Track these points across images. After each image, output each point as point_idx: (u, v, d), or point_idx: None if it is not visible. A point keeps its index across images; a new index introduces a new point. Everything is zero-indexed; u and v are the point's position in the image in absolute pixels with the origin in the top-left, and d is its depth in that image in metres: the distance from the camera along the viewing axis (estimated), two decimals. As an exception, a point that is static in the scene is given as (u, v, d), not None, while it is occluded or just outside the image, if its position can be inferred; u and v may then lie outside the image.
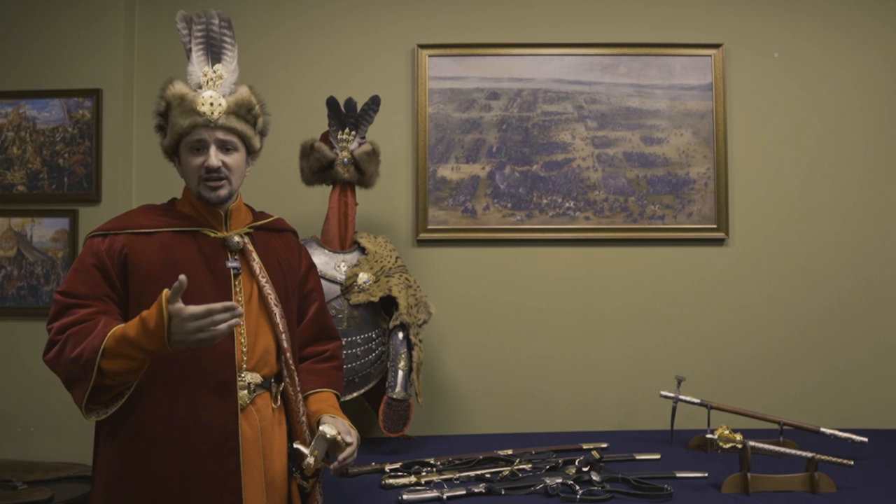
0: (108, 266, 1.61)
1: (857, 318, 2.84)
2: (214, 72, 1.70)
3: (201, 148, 1.66)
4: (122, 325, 1.50)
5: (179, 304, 1.44)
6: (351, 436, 1.70)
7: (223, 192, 1.68)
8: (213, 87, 1.68)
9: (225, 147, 1.67)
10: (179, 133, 1.66)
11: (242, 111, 1.69)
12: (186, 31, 1.73)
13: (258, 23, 2.86)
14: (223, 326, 1.46)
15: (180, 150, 1.69)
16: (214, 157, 1.65)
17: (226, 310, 1.45)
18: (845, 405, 2.81)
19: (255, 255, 1.75)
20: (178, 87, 1.67)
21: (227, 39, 1.75)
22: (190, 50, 1.73)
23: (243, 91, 1.72)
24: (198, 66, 1.71)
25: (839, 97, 2.87)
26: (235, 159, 1.69)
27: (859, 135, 2.86)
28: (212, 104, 1.65)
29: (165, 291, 1.45)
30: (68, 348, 1.52)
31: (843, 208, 2.86)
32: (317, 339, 1.90)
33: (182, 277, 1.44)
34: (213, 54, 1.73)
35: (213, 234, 1.71)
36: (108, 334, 1.48)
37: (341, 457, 1.66)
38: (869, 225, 2.86)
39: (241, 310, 1.48)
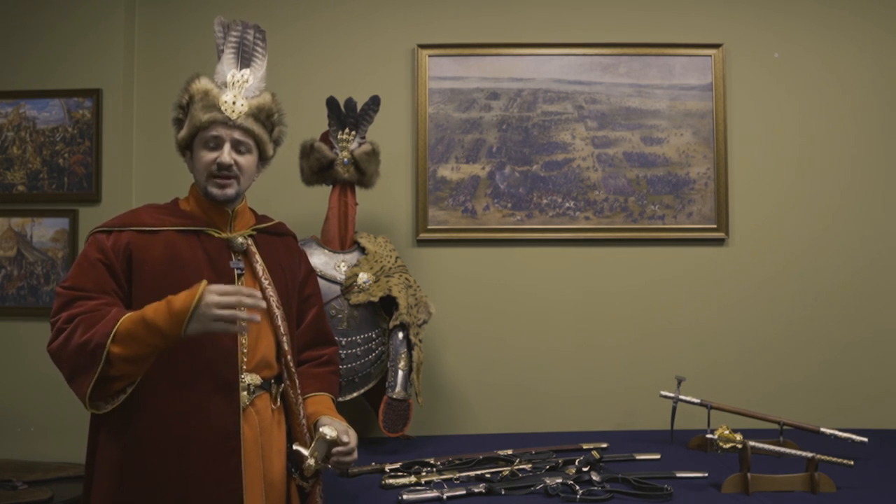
0: (113, 262, 1.61)
1: (858, 319, 2.84)
2: (242, 75, 1.74)
3: (216, 145, 1.68)
4: (137, 311, 1.51)
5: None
6: (349, 436, 1.70)
7: (230, 191, 1.69)
8: (238, 89, 1.72)
9: (239, 147, 1.70)
10: (197, 126, 1.68)
11: (262, 116, 1.73)
12: (222, 34, 1.78)
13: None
14: (244, 314, 1.49)
15: (194, 144, 1.71)
16: (227, 155, 1.67)
17: (252, 296, 1.50)
18: (845, 405, 2.80)
19: (258, 256, 1.76)
20: (204, 83, 1.71)
21: (259, 50, 1.80)
22: (222, 51, 1.77)
23: (266, 97, 1.76)
24: (227, 66, 1.75)
25: (839, 97, 2.87)
26: (248, 161, 1.72)
27: (860, 135, 2.86)
28: (234, 103, 1.69)
29: (204, 282, 1.49)
30: (77, 334, 1.50)
31: (844, 208, 2.86)
32: (314, 344, 1.90)
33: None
34: (244, 60, 1.77)
35: (217, 235, 1.72)
36: (122, 318, 1.49)
37: (337, 450, 1.66)
38: (871, 225, 2.85)
39: (263, 304, 1.53)
